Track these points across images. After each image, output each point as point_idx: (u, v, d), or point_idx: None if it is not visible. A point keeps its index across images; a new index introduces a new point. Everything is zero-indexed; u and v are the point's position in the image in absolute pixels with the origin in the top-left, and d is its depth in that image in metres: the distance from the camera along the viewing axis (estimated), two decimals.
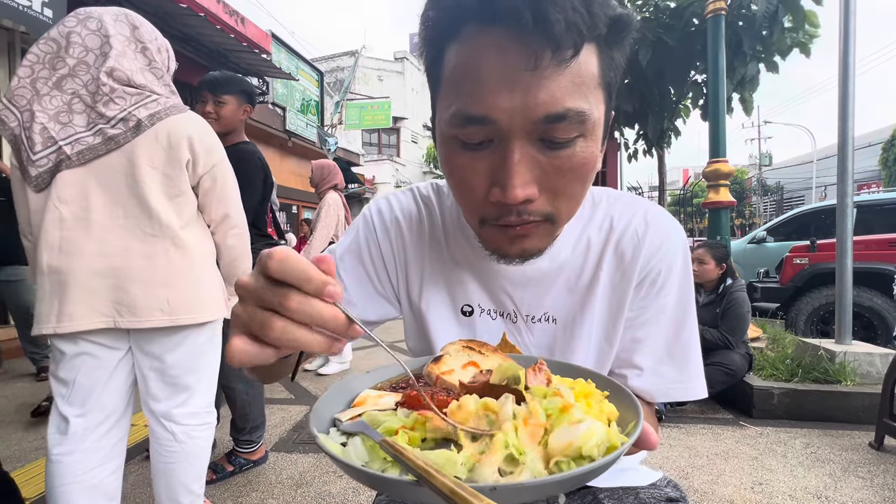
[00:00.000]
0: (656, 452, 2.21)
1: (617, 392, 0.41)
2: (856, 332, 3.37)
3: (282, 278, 0.31)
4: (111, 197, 1.17)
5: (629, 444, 0.34)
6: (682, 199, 19.84)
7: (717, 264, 2.87)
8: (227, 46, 5.76)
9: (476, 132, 0.44)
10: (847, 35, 2.73)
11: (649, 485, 0.67)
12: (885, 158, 17.13)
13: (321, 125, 10.95)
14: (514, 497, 0.29)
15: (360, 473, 0.31)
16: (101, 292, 1.16)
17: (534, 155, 0.44)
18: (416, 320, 0.66)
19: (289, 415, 2.65)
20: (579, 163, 0.45)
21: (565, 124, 0.42)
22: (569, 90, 0.42)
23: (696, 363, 0.61)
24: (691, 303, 0.62)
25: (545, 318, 0.61)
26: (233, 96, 1.95)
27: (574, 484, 0.32)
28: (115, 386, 1.23)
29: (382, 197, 0.70)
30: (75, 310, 1.13)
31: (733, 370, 2.64)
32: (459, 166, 0.48)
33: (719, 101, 3.52)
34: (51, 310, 1.13)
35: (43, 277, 1.14)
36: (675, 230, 0.61)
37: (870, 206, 5.06)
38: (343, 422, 0.39)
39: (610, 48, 0.45)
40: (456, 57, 0.44)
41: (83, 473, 1.16)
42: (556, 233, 0.52)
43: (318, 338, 0.32)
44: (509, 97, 0.41)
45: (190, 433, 1.31)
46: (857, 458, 2.11)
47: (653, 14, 4.91)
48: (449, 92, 0.46)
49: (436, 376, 0.44)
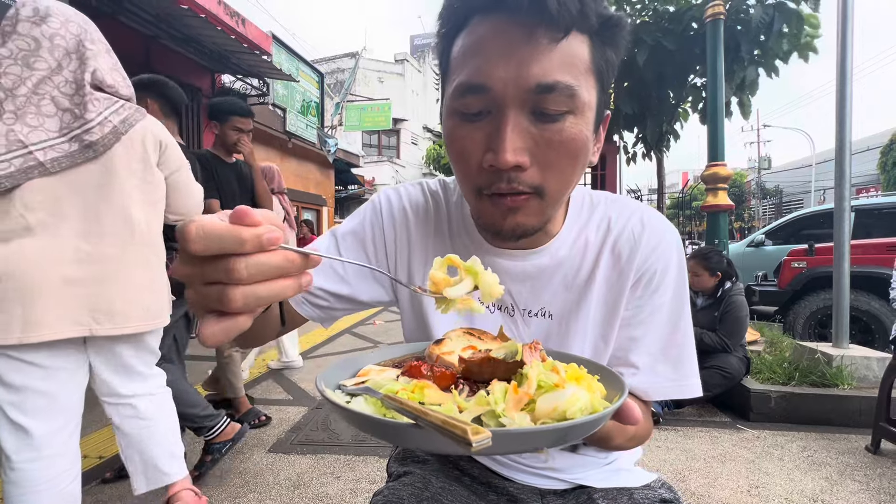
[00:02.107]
0: (653, 454, 2.22)
1: (607, 376, 0.43)
2: (853, 336, 3.38)
3: (212, 254, 0.29)
4: (86, 204, 1.14)
5: (612, 409, 0.36)
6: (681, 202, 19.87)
7: (711, 274, 2.86)
8: (228, 48, 5.77)
9: (474, 102, 0.49)
10: (845, 39, 2.74)
11: (643, 486, 0.68)
12: (883, 162, 17.18)
13: (321, 126, 10.96)
14: (505, 442, 0.32)
15: (364, 419, 0.33)
16: (75, 300, 1.12)
17: (526, 126, 0.49)
18: (414, 310, 0.68)
19: (286, 416, 2.64)
20: (568, 137, 0.49)
21: (555, 95, 0.47)
22: (559, 65, 0.47)
23: (690, 362, 0.63)
24: (686, 303, 0.63)
25: (542, 313, 0.63)
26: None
27: (556, 438, 0.34)
28: (77, 388, 1.23)
29: (392, 187, 0.72)
30: (44, 318, 1.08)
31: (731, 373, 2.64)
32: (459, 137, 0.52)
33: (718, 105, 3.54)
34: (11, 319, 1.06)
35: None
36: (670, 232, 0.64)
37: (868, 210, 5.06)
38: (348, 386, 0.42)
39: (602, 43, 0.50)
40: (462, 41, 0.50)
41: (47, 481, 1.14)
42: (548, 211, 0.54)
43: (282, 283, 0.31)
44: (505, 67, 0.47)
45: (152, 401, 1.37)
46: (854, 461, 2.11)
47: (652, 17, 4.93)
48: (454, 71, 0.51)
49: (436, 356, 0.47)
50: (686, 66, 4.86)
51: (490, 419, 0.34)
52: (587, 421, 0.33)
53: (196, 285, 0.31)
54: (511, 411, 0.34)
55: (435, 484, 0.67)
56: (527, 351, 0.41)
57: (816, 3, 4.24)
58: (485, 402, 0.35)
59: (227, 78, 6.97)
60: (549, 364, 0.40)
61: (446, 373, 0.42)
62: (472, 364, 0.42)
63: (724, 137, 3.61)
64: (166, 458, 1.39)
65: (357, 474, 1.97)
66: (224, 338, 0.31)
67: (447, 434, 0.28)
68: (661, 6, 4.92)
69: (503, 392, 0.36)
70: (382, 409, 0.35)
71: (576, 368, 0.41)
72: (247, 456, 2.15)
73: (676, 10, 4.75)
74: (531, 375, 0.37)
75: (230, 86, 7.10)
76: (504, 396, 0.35)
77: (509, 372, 0.40)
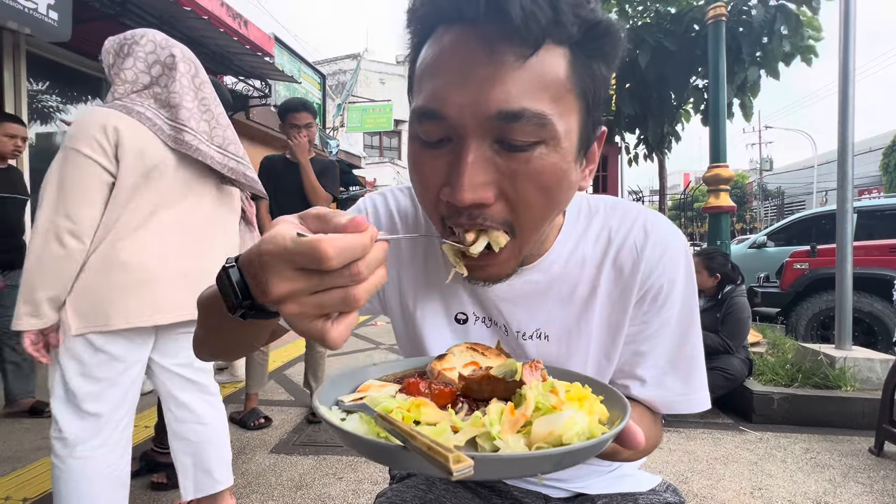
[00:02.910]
0: (656, 457, 2.21)
1: (611, 396, 0.42)
2: (856, 338, 3.36)
3: (346, 263, 0.30)
4: (189, 203, 1.37)
5: (611, 435, 0.34)
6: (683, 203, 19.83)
7: (711, 274, 2.86)
8: (231, 49, 5.78)
9: (432, 129, 0.43)
10: (847, 40, 2.74)
11: (648, 490, 0.68)
12: (885, 164, 17.14)
13: (323, 128, 10.97)
14: (491, 469, 0.31)
15: (355, 440, 0.33)
16: (186, 290, 1.29)
17: (490, 156, 0.42)
18: (407, 325, 0.64)
19: (289, 416, 2.65)
20: (537, 170, 0.42)
21: (521, 125, 0.40)
22: (528, 90, 0.39)
23: (700, 375, 0.59)
24: (695, 313, 0.59)
25: (537, 335, 0.59)
26: None
27: (549, 464, 0.32)
28: (140, 378, 1.31)
29: (378, 192, 0.68)
30: (165, 305, 1.24)
31: (733, 375, 2.64)
32: (419, 164, 0.46)
33: (720, 107, 3.53)
34: (142, 304, 1.21)
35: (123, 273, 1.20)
36: (675, 239, 0.59)
37: (870, 211, 5.05)
38: (345, 402, 0.42)
39: (587, 56, 0.42)
40: (423, 55, 0.44)
41: (107, 466, 1.21)
42: (522, 248, 0.48)
43: (381, 271, 0.33)
44: (461, 92, 0.40)
45: (213, 405, 1.43)
46: (857, 463, 2.11)
47: (654, 19, 4.94)
48: (415, 91, 0.45)
49: (438, 371, 0.47)
50: (688, 68, 4.87)
51: (485, 441, 0.34)
52: (582, 448, 0.32)
53: (304, 298, 0.31)
54: (506, 434, 0.34)
55: (438, 486, 0.67)
56: (527, 370, 0.40)
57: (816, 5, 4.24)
58: (480, 423, 0.34)
59: (229, 79, 6.98)
60: (549, 384, 0.39)
61: (444, 391, 0.42)
62: (472, 382, 0.42)
63: (725, 139, 3.60)
64: (218, 464, 1.41)
65: (359, 475, 1.97)
66: (348, 335, 0.33)
67: (431, 460, 0.27)
68: (662, 7, 4.93)
69: (499, 414, 0.35)
70: (376, 429, 0.35)
71: (579, 388, 0.40)
72: (249, 457, 2.15)
73: (678, 11, 4.76)
74: (529, 397, 0.36)
75: (232, 87, 7.11)
76: (500, 418, 0.35)
77: (509, 391, 0.39)
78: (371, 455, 0.34)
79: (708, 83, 4.30)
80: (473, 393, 0.42)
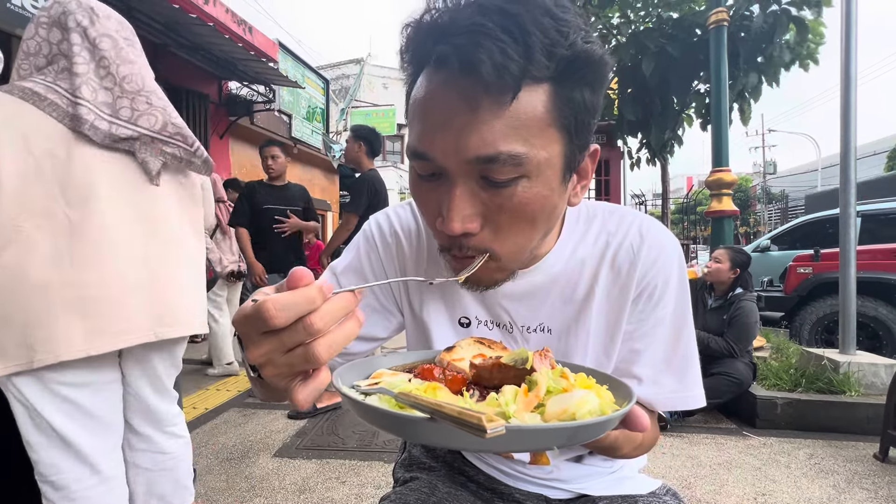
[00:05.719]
0: (658, 461, 2.21)
1: (614, 385, 0.44)
2: (860, 343, 3.35)
3: (291, 322, 0.31)
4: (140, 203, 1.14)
5: (623, 412, 0.36)
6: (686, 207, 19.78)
7: (732, 268, 2.85)
8: (236, 55, 5.84)
9: (424, 166, 0.48)
10: (848, 43, 2.74)
11: (648, 493, 0.68)
12: (890, 167, 17.07)
13: (326, 132, 11.03)
14: (512, 438, 0.32)
15: (382, 414, 0.34)
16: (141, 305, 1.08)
17: (476, 191, 0.46)
18: (418, 328, 0.68)
19: (292, 420, 2.66)
20: (520, 202, 0.46)
21: (499, 166, 0.43)
22: (503, 133, 0.42)
23: (694, 373, 0.62)
24: (688, 313, 0.63)
25: (540, 329, 0.62)
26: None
27: (566, 436, 0.34)
28: (120, 403, 1.16)
29: (382, 211, 0.72)
30: (109, 328, 1.02)
31: (739, 379, 2.62)
32: (417, 195, 0.52)
33: (722, 112, 3.54)
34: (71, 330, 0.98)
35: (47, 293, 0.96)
36: (669, 242, 0.63)
37: (874, 215, 5.03)
38: (362, 386, 0.43)
39: (568, 89, 0.44)
40: (415, 92, 0.47)
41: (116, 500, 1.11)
42: (507, 267, 0.53)
43: (348, 324, 0.34)
44: (443, 137, 0.44)
45: (179, 432, 1.26)
46: (862, 469, 2.09)
47: (655, 24, 4.96)
48: (409, 124, 0.50)
49: (447, 362, 0.48)
50: (690, 73, 4.88)
51: (502, 419, 0.35)
52: (598, 422, 0.34)
53: (276, 359, 0.33)
54: (521, 413, 0.35)
55: (441, 489, 0.68)
56: (537, 358, 0.41)
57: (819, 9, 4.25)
58: (496, 403, 0.36)
59: (233, 85, 7.04)
60: (559, 370, 0.40)
61: (458, 377, 0.43)
62: (483, 369, 0.43)
63: (728, 143, 3.61)
64: (174, 488, 1.25)
65: (362, 479, 1.98)
66: (315, 396, 0.35)
67: (463, 424, 0.28)
68: (665, 13, 4.95)
69: (514, 394, 0.36)
70: (397, 408, 0.36)
71: (584, 377, 0.41)
72: (252, 461, 2.16)
73: (680, 16, 4.78)
74: (540, 381, 0.37)
75: (237, 92, 7.18)
76: (514, 398, 0.36)
77: (519, 378, 0.40)
78: (396, 429, 0.35)
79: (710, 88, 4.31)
80: (484, 380, 0.43)
